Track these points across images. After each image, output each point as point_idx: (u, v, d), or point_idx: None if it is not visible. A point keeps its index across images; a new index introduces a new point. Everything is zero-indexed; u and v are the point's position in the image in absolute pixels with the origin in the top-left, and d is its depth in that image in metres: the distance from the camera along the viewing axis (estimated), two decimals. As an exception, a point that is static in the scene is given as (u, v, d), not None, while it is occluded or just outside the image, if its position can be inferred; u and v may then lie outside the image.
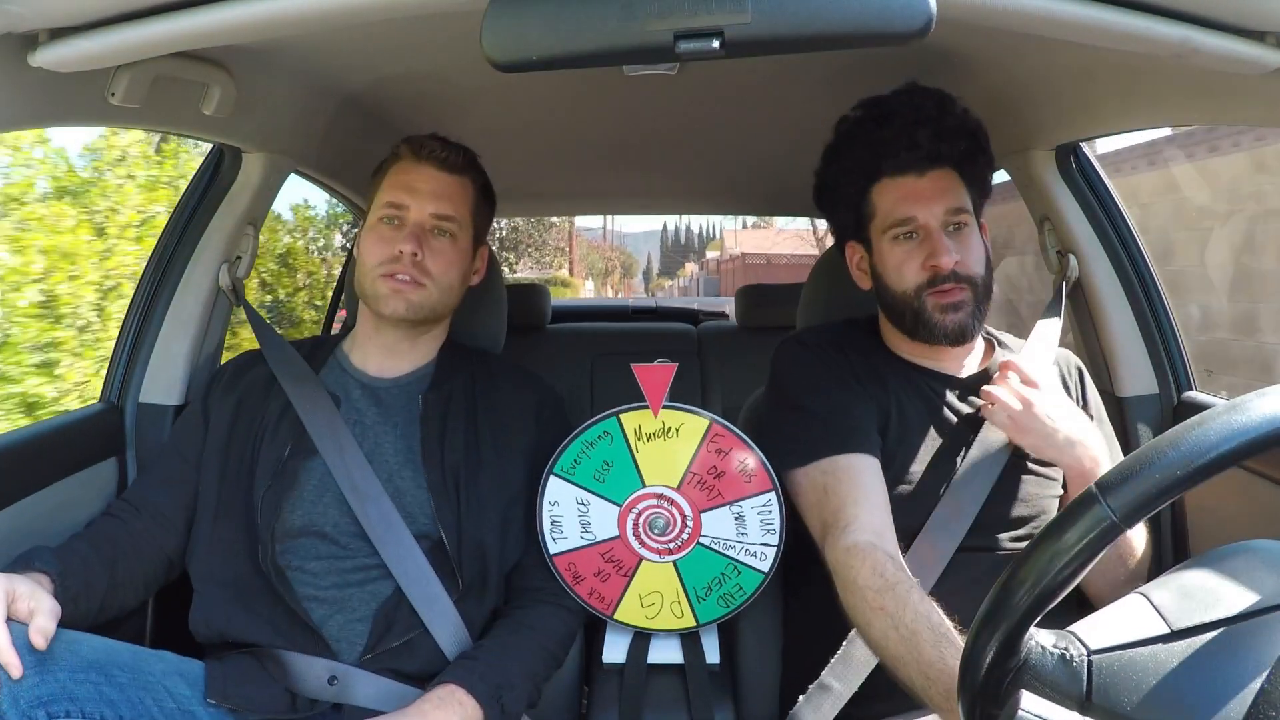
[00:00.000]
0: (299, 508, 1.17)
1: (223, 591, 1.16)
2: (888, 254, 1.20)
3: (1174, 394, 1.42)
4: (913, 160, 1.18)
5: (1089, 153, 1.45)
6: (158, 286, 1.44)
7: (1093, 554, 0.58)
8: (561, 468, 1.21)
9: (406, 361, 1.29)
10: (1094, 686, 0.60)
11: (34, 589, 0.96)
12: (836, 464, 1.14)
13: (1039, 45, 1.14)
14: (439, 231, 1.24)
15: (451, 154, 1.26)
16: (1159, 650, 0.60)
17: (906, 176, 1.18)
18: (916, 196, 1.18)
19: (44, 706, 0.91)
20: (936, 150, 1.17)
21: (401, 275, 1.21)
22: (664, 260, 35.81)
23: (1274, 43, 0.84)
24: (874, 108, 1.21)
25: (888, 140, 1.18)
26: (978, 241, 1.20)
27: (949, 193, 1.18)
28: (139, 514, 1.20)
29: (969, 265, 1.17)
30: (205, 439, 1.24)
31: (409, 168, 1.25)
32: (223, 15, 0.80)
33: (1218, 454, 0.56)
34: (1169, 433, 0.58)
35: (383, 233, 1.23)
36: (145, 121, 1.13)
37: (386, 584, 1.15)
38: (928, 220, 1.17)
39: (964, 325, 1.17)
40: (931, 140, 1.17)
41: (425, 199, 1.23)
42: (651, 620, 1.25)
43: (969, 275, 1.17)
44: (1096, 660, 0.60)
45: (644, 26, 0.70)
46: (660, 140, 1.90)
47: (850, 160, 1.23)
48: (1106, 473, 0.59)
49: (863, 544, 1.05)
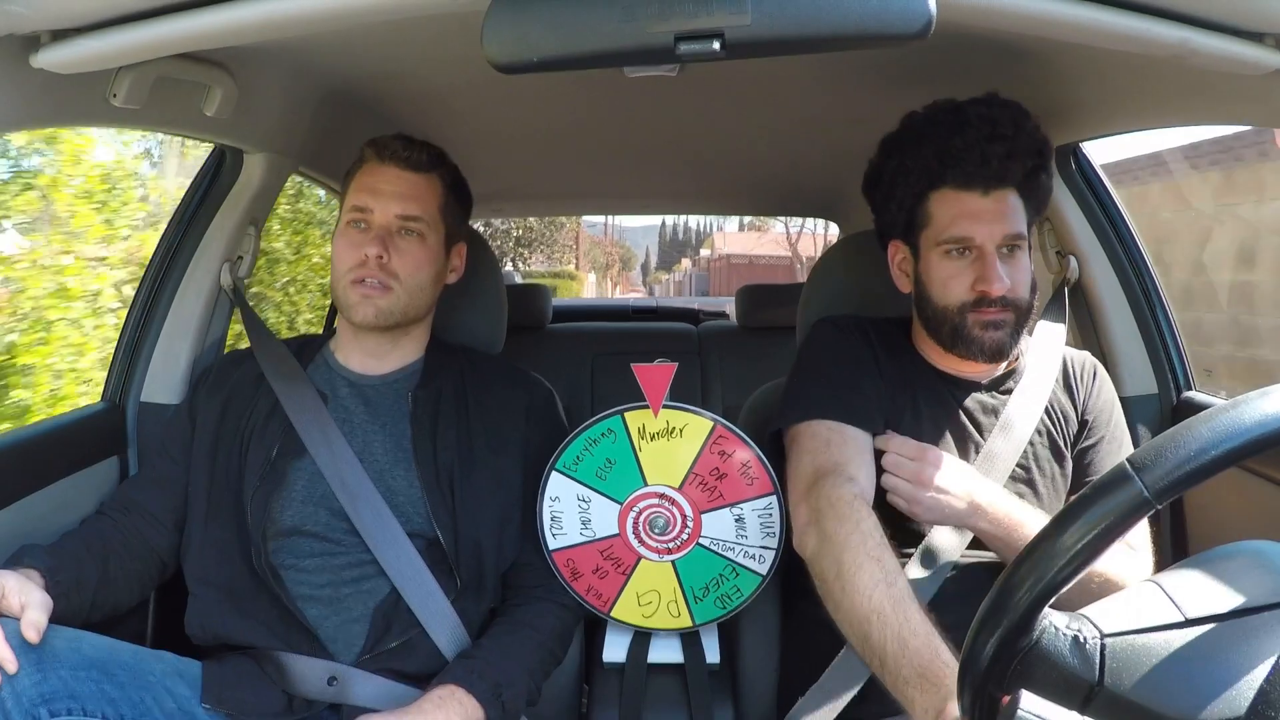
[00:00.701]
0: (289, 507, 1.16)
1: (217, 594, 1.16)
2: (936, 267, 1.17)
3: (1173, 394, 1.42)
4: (979, 176, 1.13)
5: (1088, 153, 1.46)
6: (159, 286, 1.44)
7: (1122, 528, 0.58)
8: (564, 464, 1.21)
9: (392, 360, 1.28)
10: (1106, 669, 0.60)
11: (23, 583, 0.96)
12: (845, 430, 1.13)
13: (1038, 46, 1.14)
14: (405, 232, 1.22)
15: (415, 152, 1.24)
16: (1172, 636, 0.60)
17: (970, 193, 1.14)
18: (977, 216, 1.13)
19: (46, 704, 0.92)
20: (1005, 169, 1.13)
21: (370, 280, 1.19)
22: (662, 255, 35.99)
23: (1273, 44, 0.84)
24: (950, 113, 1.16)
25: (958, 150, 1.13)
26: (1027, 264, 1.17)
27: (1009, 217, 1.14)
28: (128, 513, 1.20)
29: (1018, 290, 1.14)
30: (193, 439, 1.24)
31: (373, 169, 1.23)
32: (224, 16, 0.81)
33: (1251, 437, 0.56)
34: (1204, 414, 0.59)
35: (351, 237, 1.22)
36: (147, 123, 1.13)
37: (382, 583, 1.15)
38: (984, 243, 1.13)
39: (1003, 344, 1.15)
40: (1001, 158, 1.13)
41: (389, 200, 1.21)
42: (648, 619, 1.25)
43: (1015, 300, 1.14)
44: (1110, 643, 0.60)
45: (644, 28, 0.70)
46: (660, 141, 1.91)
47: (914, 160, 1.18)
48: (1139, 449, 0.59)
49: (866, 497, 1.04)
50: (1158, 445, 0.58)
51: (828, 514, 1.01)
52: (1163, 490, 0.57)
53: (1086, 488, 0.61)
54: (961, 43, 1.16)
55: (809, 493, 1.07)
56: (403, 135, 1.26)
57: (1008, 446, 1.16)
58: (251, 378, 1.26)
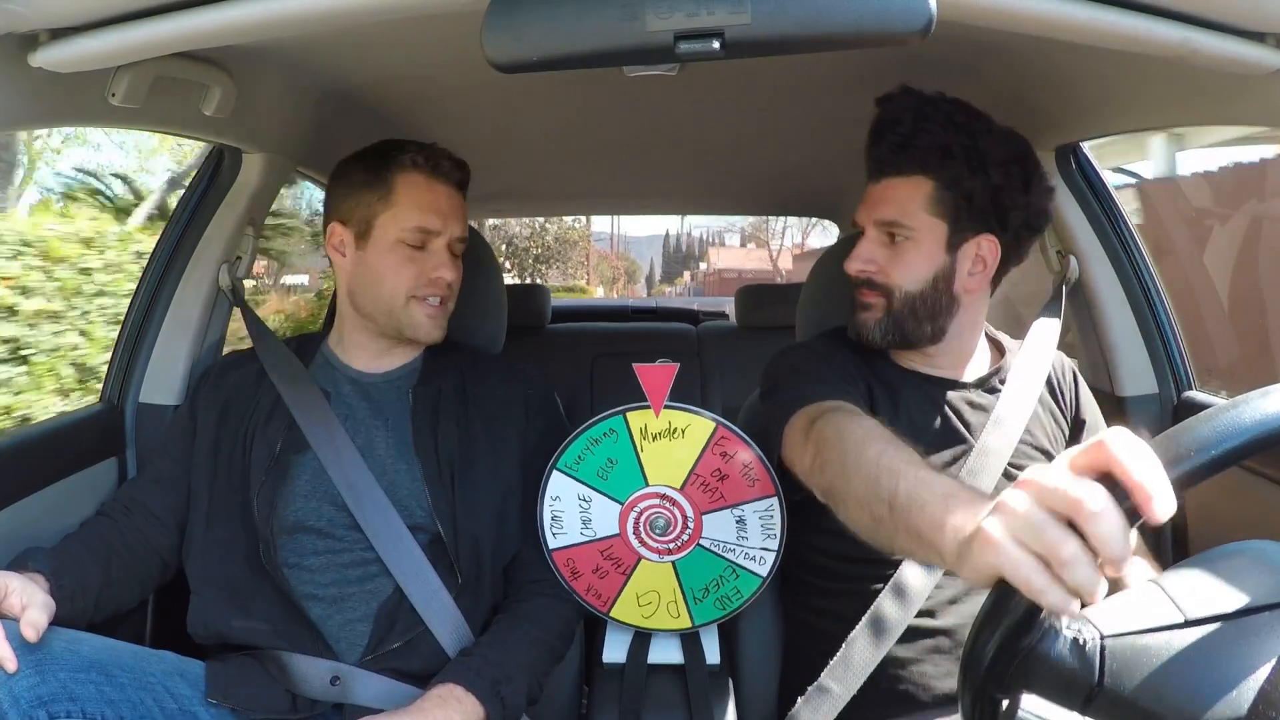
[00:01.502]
0: (293, 502, 1.17)
1: (220, 593, 1.16)
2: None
3: (1174, 394, 1.42)
4: (873, 167, 1.20)
5: (1088, 154, 1.46)
6: (158, 287, 1.44)
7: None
8: (565, 463, 1.21)
9: (395, 358, 1.30)
10: (1106, 670, 0.60)
11: (26, 584, 0.96)
12: (841, 402, 1.10)
13: (1039, 46, 1.14)
14: (456, 252, 1.27)
15: (460, 172, 1.28)
16: (1173, 637, 0.60)
17: (870, 182, 1.21)
18: (866, 201, 1.20)
19: (45, 706, 0.91)
20: (895, 160, 1.17)
21: (434, 298, 1.23)
22: (665, 267, 36.25)
23: (1274, 44, 0.84)
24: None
25: (867, 146, 1.20)
26: (911, 258, 1.16)
27: (888, 202, 1.17)
28: (130, 514, 1.20)
29: (889, 275, 1.17)
30: (194, 440, 1.24)
31: (429, 185, 1.23)
32: (223, 15, 0.80)
33: (1222, 450, 0.56)
34: (1210, 410, 0.59)
35: (408, 254, 1.22)
36: (146, 122, 1.13)
37: (386, 581, 1.15)
38: (866, 226, 1.20)
39: (865, 326, 1.20)
40: (891, 150, 1.16)
41: (452, 222, 1.25)
42: (647, 619, 1.25)
43: (884, 285, 1.17)
44: (1110, 644, 0.60)
45: (644, 27, 0.70)
46: (660, 141, 1.90)
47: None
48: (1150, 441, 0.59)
49: (876, 420, 1.01)
50: (1168, 438, 0.58)
51: (826, 428, 0.98)
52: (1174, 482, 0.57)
53: None
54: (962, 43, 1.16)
55: (808, 434, 1.03)
56: (443, 150, 1.26)
57: (1001, 442, 1.16)
58: (251, 378, 1.27)
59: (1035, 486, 0.58)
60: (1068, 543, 0.54)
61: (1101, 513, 0.53)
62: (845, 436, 0.93)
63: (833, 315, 1.39)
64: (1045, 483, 0.57)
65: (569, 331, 2.79)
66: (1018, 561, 0.56)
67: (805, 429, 1.04)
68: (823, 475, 0.95)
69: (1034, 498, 0.57)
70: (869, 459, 0.86)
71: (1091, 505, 0.54)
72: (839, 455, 0.92)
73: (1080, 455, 0.57)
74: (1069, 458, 0.58)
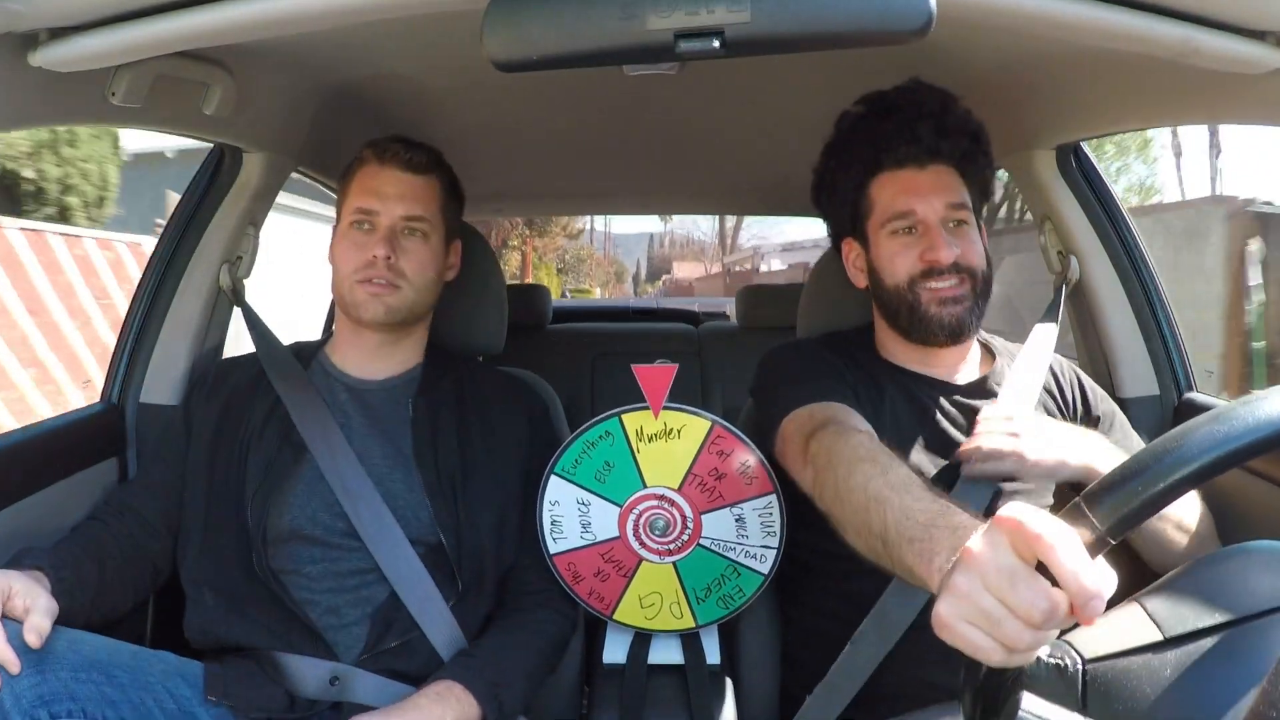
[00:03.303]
0: (288, 511, 1.16)
1: (217, 597, 1.16)
2: (884, 247, 1.18)
3: (1174, 395, 1.42)
4: (913, 154, 1.16)
5: (1088, 153, 1.45)
6: (158, 286, 1.44)
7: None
8: (562, 467, 1.21)
9: (392, 364, 1.29)
10: (1089, 697, 0.59)
11: (30, 585, 0.96)
12: (830, 404, 1.11)
13: (1039, 45, 1.14)
14: (410, 232, 1.24)
15: (416, 155, 1.25)
16: (1152, 659, 0.60)
17: (906, 170, 1.16)
18: (916, 190, 1.15)
19: (46, 705, 0.91)
20: (937, 146, 1.15)
21: (377, 279, 1.21)
22: (650, 267, 37.69)
23: (1274, 42, 0.84)
24: (876, 102, 1.20)
25: (889, 133, 1.16)
26: (978, 238, 1.18)
27: (950, 188, 1.16)
28: (122, 518, 1.20)
29: (969, 258, 1.15)
30: (189, 445, 1.24)
31: (375, 172, 1.24)
32: (223, 14, 0.80)
33: (1202, 464, 0.56)
34: (1153, 444, 0.58)
35: (355, 238, 1.23)
36: (146, 122, 1.13)
37: (381, 588, 1.15)
38: (927, 214, 1.15)
39: (962, 319, 1.14)
40: (932, 135, 1.15)
41: (394, 201, 1.23)
42: (650, 621, 1.25)
43: (969, 267, 1.14)
44: (1091, 669, 0.60)
45: (644, 26, 0.70)
46: (660, 140, 1.90)
47: (850, 154, 1.21)
48: (1092, 485, 0.59)
49: (866, 433, 1.01)
50: (1110, 480, 0.58)
51: (819, 451, 0.98)
52: (1116, 526, 0.57)
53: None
54: (962, 42, 1.16)
55: (805, 452, 1.03)
56: (401, 138, 1.27)
57: None
58: (247, 383, 1.26)
59: (979, 567, 0.60)
60: (1006, 621, 0.58)
61: (1048, 609, 0.56)
62: (835, 460, 0.94)
63: (833, 315, 1.39)
64: (988, 567, 0.59)
65: (569, 331, 2.79)
66: (969, 639, 0.60)
67: (802, 447, 1.04)
68: (822, 500, 0.96)
69: (980, 579, 0.59)
70: (857, 487, 0.87)
71: (1033, 608, 0.56)
72: (832, 481, 0.93)
73: (1018, 540, 0.58)
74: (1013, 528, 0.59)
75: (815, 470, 0.98)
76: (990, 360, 1.27)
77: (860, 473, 0.88)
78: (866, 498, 0.84)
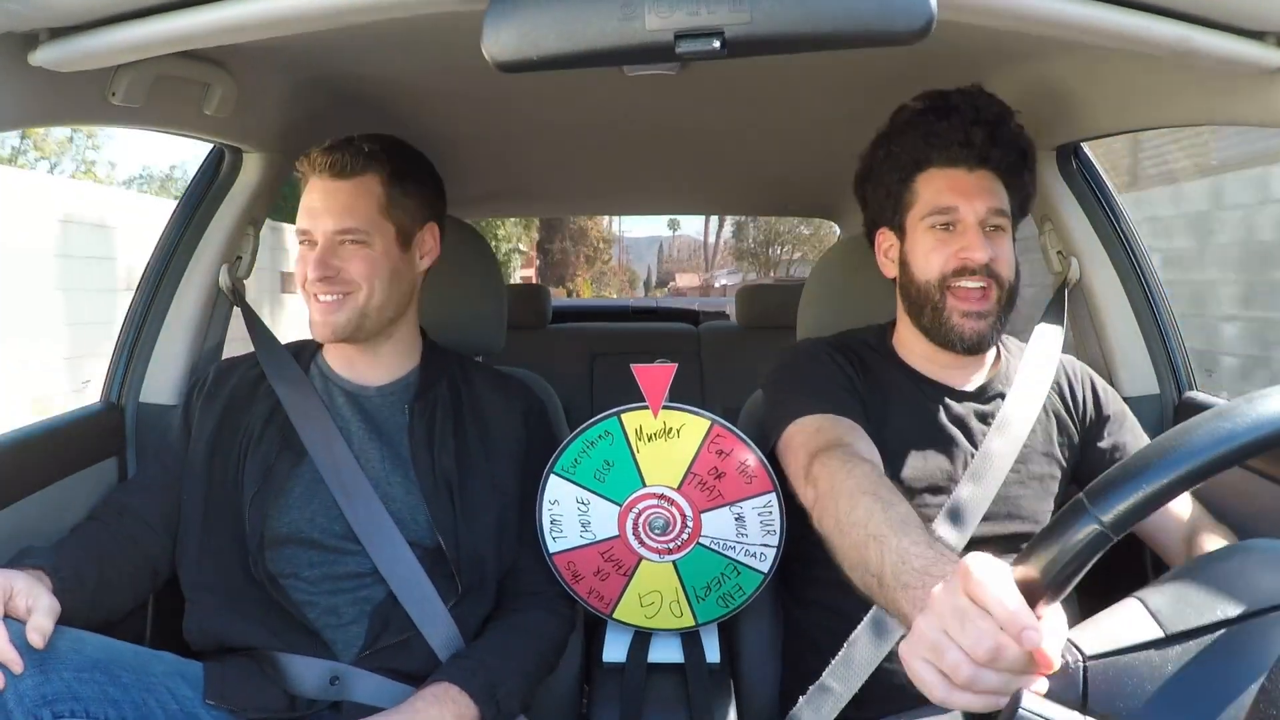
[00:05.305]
0: (286, 514, 1.16)
1: (217, 599, 1.16)
2: (920, 240, 1.19)
3: (1175, 394, 1.42)
4: (964, 156, 1.17)
5: (1089, 153, 1.45)
6: (158, 286, 1.44)
7: (1082, 563, 0.58)
8: (562, 466, 1.21)
9: (387, 370, 1.27)
10: (1090, 694, 0.59)
11: (32, 585, 0.96)
12: (839, 420, 1.12)
13: (1039, 45, 1.14)
14: (350, 243, 1.18)
15: (341, 157, 1.18)
16: (1153, 655, 0.60)
17: (956, 169, 1.17)
18: (961, 189, 1.16)
19: (48, 705, 0.91)
20: (988, 152, 1.16)
21: (323, 295, 1.18)
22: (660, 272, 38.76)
23: (1274, 42, 0.84)
24: (936, 100, 1.20)
25: (944, 132, 1.17)
26: (1011, 250, 1.19)
27: (994, 193, 1.17)
28: (122, 519, 1.19)
29: (1000, 266, 1.15)
30: (187, 447, 1.23)
31: (310, 185, 1.20)
32: (223, 14, 0.80)
33: (1205, 460, 0.56)
34: (1156, 441, 0.59)
35: (303, 254, 1.20)
36: (146, 122, 1.13)
37: (380, 589, 1.15)
38: (968, 214, 1.16)
39: (983, 335, 1.15)
40: (986, 142, 1.16)
41: (323, 217, 1.18)
42: (650, 620, 1.25)
43: (998, 274, 1.15)
44: (1092, 666, 0.60)
45: (644, 26, 0.70)
46: (660, 141, 1.91)
47: (901, 146, 1.21)
48: (1095, 481, 0.59)
49: (870, 463, 1.02)
50: (1111, 477, 0.58)
51: (822, 476, 1.00)
52: (1118, 522, 0.57)
53: (1045, 525, 0.61)
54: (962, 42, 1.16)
55: (808, 473, 1.04)
56: (333, 141, 1.21)
57: (1005, 446, 1.15)
58: (246, 385, 1.26)
59: (936, 608, 0.64)
60: (949, 652, 0.61)
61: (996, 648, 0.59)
62: (838, 491, 0.95)
63: (833, 315, 1.39)
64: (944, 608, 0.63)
65: (569, 331, 2.79)
66: (918, 674, 0.64)
67: (805, 465, 1.05)
68: (821, 526, 0.98)
69: (936, 619, 0.63)
70: (858, 523, 0.89)
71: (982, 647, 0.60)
72: (833, 511, 0.94)
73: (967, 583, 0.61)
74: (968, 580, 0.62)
75: (817, 494, 1.00)
76: (997, 362, 1.27)
77: (862, 507, 0.90)
78: (866, 535, 0.87)
